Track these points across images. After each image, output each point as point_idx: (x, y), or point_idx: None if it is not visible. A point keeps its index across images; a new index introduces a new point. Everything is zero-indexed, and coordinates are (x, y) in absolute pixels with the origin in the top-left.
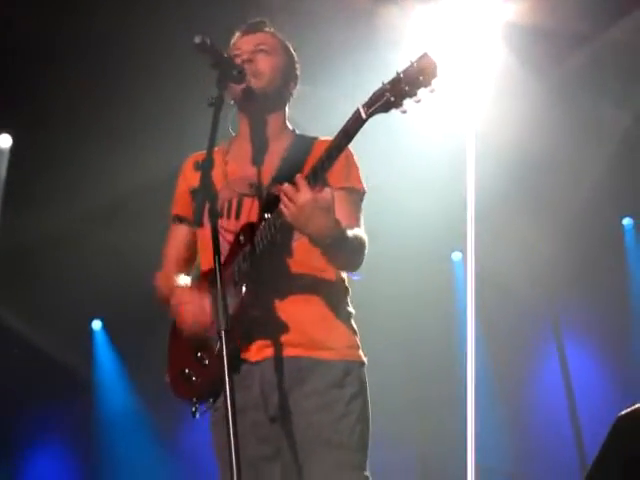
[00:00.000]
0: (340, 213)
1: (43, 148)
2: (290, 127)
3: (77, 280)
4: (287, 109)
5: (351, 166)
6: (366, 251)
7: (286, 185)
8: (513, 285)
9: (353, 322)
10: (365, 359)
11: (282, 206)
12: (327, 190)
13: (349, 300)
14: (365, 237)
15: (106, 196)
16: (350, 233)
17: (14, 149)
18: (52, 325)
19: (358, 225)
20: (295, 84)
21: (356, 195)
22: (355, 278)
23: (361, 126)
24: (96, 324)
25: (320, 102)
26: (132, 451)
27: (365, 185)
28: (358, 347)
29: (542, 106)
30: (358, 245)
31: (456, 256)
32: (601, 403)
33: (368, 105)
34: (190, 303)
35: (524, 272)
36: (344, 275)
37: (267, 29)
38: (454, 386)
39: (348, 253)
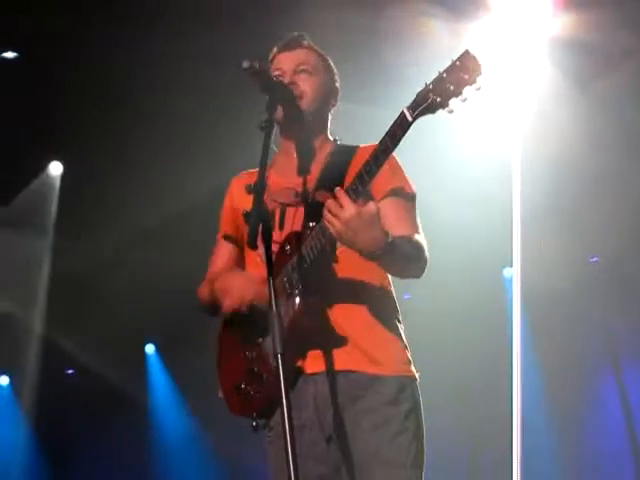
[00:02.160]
0: (391, 219)
1: (92, 175)
2: (331, 138)
3: (129, 304)
4: (329, 122)
5: (396, 169)
6: (426, 254)
7: (329, 200)
8: (566, 300)
9: (404, 337)
10: (417, 375)
11: (326, 222)
12: (371, 203)
13: (399, 315)
14: (423, 241)
15: (155, 219)
16: (402, 241)
17: (65, 177)
18: (106, 349)
19: (414, 229)
20: (336, 99)
21: (406, 197)
22: (406, 297)
23: (407, 129)
24: (149, 348)
25: (371, 121)
26: (188, 472)
27: (414, 187)
28: (410, 362)
29: (587, 120)
30: (414, 252)
31: (508, 272)
32: None
33: (413, 107)
34: (236, 279)
35: (577, 287)
36: (392, 290)
37: (306, 43)
38: (506, 405)
39: (403, 262)
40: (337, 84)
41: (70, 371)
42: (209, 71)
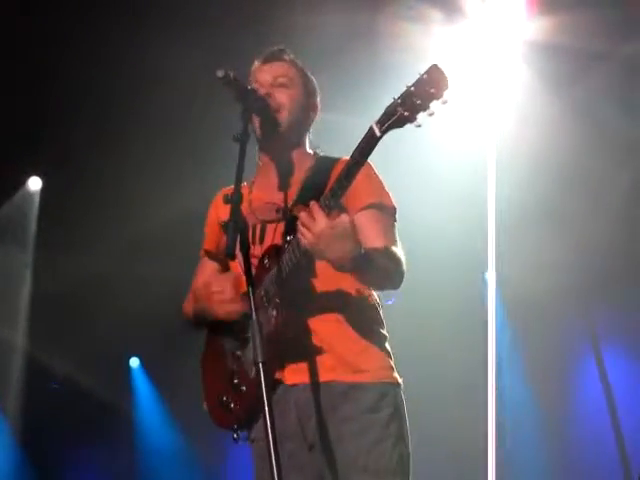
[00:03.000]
0: (368, 231)
1: (72, 189)
2: (311, 152)
3: (113, 319)
4: (309, 136)
5: (375, 183)
6: (403, 268)
7: (302, 213)
8: (545, 299)
9: (387, 345)
10: (400, 380)
11: (299, 235)
12: (343, 216)
13: (382, 322)
14: (400, 254)
15: (138, 233)
16: (377, 254)
17: (44, 192)
18: (91, 363)
19: (391, 241)
20: (315, 112)
21: (385, 211)
22: (388, 302)
23: (376, 144)
24: (134, 361)
25: (343, 128)
26: None
27: (394, 201)
28: (392, 369)
29: (563, 122)
30: (389, 264)
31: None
32: None
33: (381, 122)
34: (216, 281)
35: (555, 286)
36: (375, 297)
37: (286, 57)
38: (487, 407)
39: (378, 274)
40: (317, 98)
41: (55, 385)
42: (194, 82)
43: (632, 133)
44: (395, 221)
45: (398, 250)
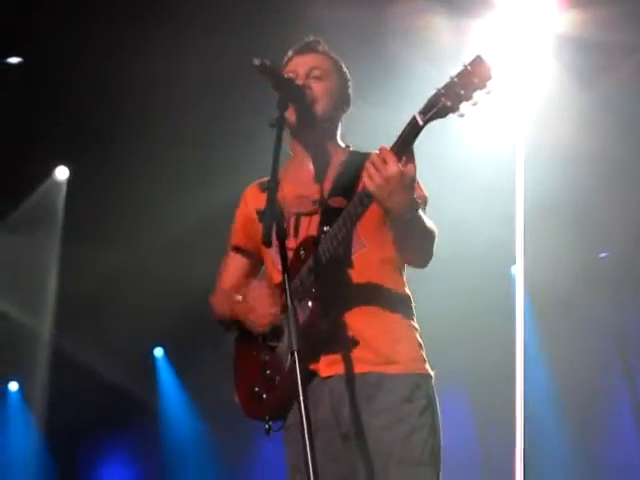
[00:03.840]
0: None
1: (101, 179)
2: (343, 144)
3: (138, 309)
4: (340, 127)
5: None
6: (436, 241)
7: (374, 154)
8: (574, 297)
9: (419, 336)
10: (432, 372)
11: (366, 177)
12: (411, 166)
13: (414, 314)
14: (435, 228)
15: (165, 227)
16: (425, 217)
17: (71, 181)
18: (116, 354)
19: None
20: (348, 105)
21: (419, 198)
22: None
23: (418, 133)
24: (158, 351)
25: (377, 120)
26: (199, 474)
27: (425, 192)
28: (425, 360)
29: (591, 115)
30: (431, 231)
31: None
32: None
33: (424, 112)
34: (254, 298)
35: (585, 283)
36: (407, 289)
37: (320, 48)
38: (514, 404)
39: (422, 237)
40: (349, 90)
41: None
42: (224, 79)
43: None
44: (425, 210)
45: (433, 225)
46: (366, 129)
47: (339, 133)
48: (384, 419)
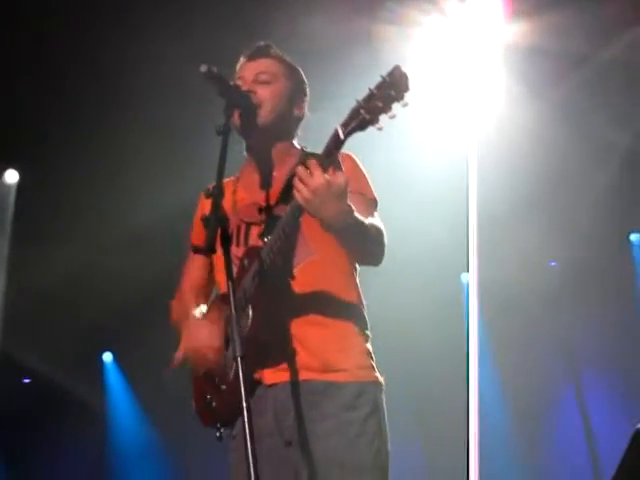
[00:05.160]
0: None
1: (51, 182)
2: (298, 146)
3: (86, 313)
4: (296, 131)
5: (357, 175)
6: (385, 241)
7: (299, 168)
8: (521, 303)
9: (369, 344)
10: (382, 379)
11: (295, 191)
12: (340, 174)
13: (364, 322)
14: (382, 227)
15: (116, 229)
16: (365, 220)
17: (21, 185)
18: (64, 358)
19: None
20: (300, 108)
21: (367, 200)
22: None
23: (341, 146)
24: (107, 356)
25: (319, 126)
26: None
27: (375, 194)
28: (373, 368)
29: (542, 124)
30: (376, 233)
31: (465, 277)
32: (617, 426)
33: (345, 124)
34: (187, 334)
35: (533, 289)
36: (358, 296)
37: (272, 52)
38: (464, 411)
39: (366, 241)
40: (303, 93)
41: (27, 380)
42: (182, 75)
43: (610, 134)
44: (375, 211)
45: (380, 223)
46: (317, 137)
47: (294, 136)
48: (328, 426)
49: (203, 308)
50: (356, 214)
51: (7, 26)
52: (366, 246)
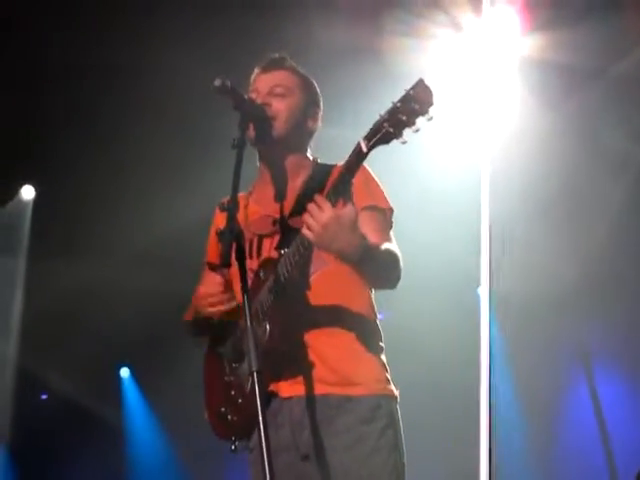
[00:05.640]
0: (365, 230)
1: (67, 198)
2: (311, 158)
3: (104, 329)
4: (309, 143)
5: (371, 185)
6: (401, 265)
7: (309, 205)
8: (538, 315)
9: (383, 357)
10: (397, 393)
11: (304, 228)
12: (349, 206)
13: (379, 335)
14: (397, 251)
15: (132, 245)
16: (378, 248)
17: (37, 201)
18: (81, 374)
19: (387, 240)
20: (315, 121)
21: (381, 213)
22: (379, 317)
23: (363, 160)
24: (124, 371)
25: (341, 142)
26: None
27: (390, 203)
28: (388, 381)
29: (556, 137)
30: (390, 259)
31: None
32: (635, 432)
33: (368, 138)
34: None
35: (548, 300)
36: (372, 310)
37: (287, 64)
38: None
39: (380, 268)
40: (318, 105)
41: (44, 396)
42: (196, 91)
43: (624, 147)
44: (391, 222)
45: (395, 248)
46: (330, 151)
47: (307, 149)
48: (344, 440)
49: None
50: (369, 244)
51: (21, 41)
52: (380, 273)
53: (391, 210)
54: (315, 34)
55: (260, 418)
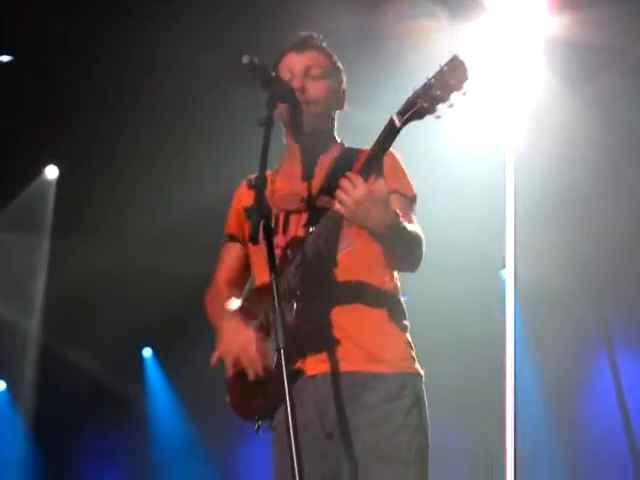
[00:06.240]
0: None
1: (90, 179)
2: (338, 140)
3: (126, 308)
4: (335, 123)
5: (397, 171)
6: (424, 248)
7: (342, 180)
8: (561, 297)
9: (409, 335)
10: (422, 372)
11: (337, 203)
12: (381, 180)
13: (404, 313)
14: (421, 233)
15: (154, 225)
16: (407, 227)
17: (61, 180)
18: (104, 353)
19: (413, 224)
20: (343, 101)
21: (404, 197)
22: (403, 299)
23: (396, 135)
24: (147, 351)
25: (361, 123)
26: (186, 474)
27: (415, 190)
28: (414, 359)
29: (582, 119)
30: (417, 237)
31: (504, 273)
32: None
33: (402, 113)
34: (230, 347)
35: (574, 284)
36: (397, 288)
37: (317, 44)
38: (503, 403)
39: (408, 245)
40: (344, 86)
41: (67, 375)
42: (217, 70)
43: None
44: (414, 208)
45: (420, 230)
46: (359, 132)
47: (335, 130)
48: (369, 417)
49: (238, 302)
50: (400, 221)
51: (46, 19)
52: (407, 251)
53: (415, 198)
54: (337, 17)
55: (287, 395)
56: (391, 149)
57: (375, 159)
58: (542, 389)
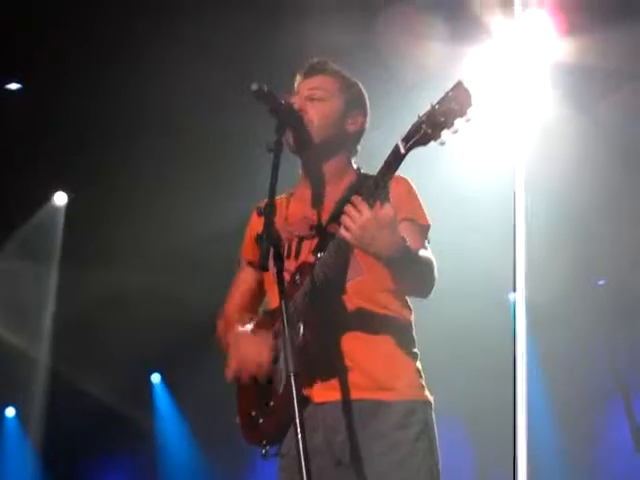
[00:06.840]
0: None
1: (99, 205)
2: (355, 166)
3: (135, 334)
4: (354, 146)
5: (413, 200)
6: (436, 272)
7: (347, 206)
8: (572, 323)
9: (418, 363)
10: (431, 399)
11: (342, 230)
12: (387, 206)
13: (413, 341)
14: (433, 259)
15: (162, 252)
16: (417, 252)
17: (69, 207)
18: (112, 379)
19: (425, 250)
20: (357, 122)
21: (417, 225)
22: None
23: (401, 161)
24: (155, 377)
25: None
26: None
27: (429, 221)
28: (423, 387)
29: (589, 142)
30: (427, 265)
31: (513, 297)
32: None
33: (406, 139)
34: (236, 348)
35: (583, 309)
36: (407, 315)
37: (328, 69)
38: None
39: (418, 272)
40: (361, 106)
41: (75, 401)
42: (228, 96)
43: None
44: (427, 237)
45: (431, 256)
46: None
47: (352, 151)
48: (379, 445)
49: (249, 325)
50: (408, 246)
51: (59, 46)
52: (418, 277)
53: (429, 227)
54: (347, 38)
55: (297, 419)
56: (404, 176)
57: (380, 185)
58: (553, 416)
